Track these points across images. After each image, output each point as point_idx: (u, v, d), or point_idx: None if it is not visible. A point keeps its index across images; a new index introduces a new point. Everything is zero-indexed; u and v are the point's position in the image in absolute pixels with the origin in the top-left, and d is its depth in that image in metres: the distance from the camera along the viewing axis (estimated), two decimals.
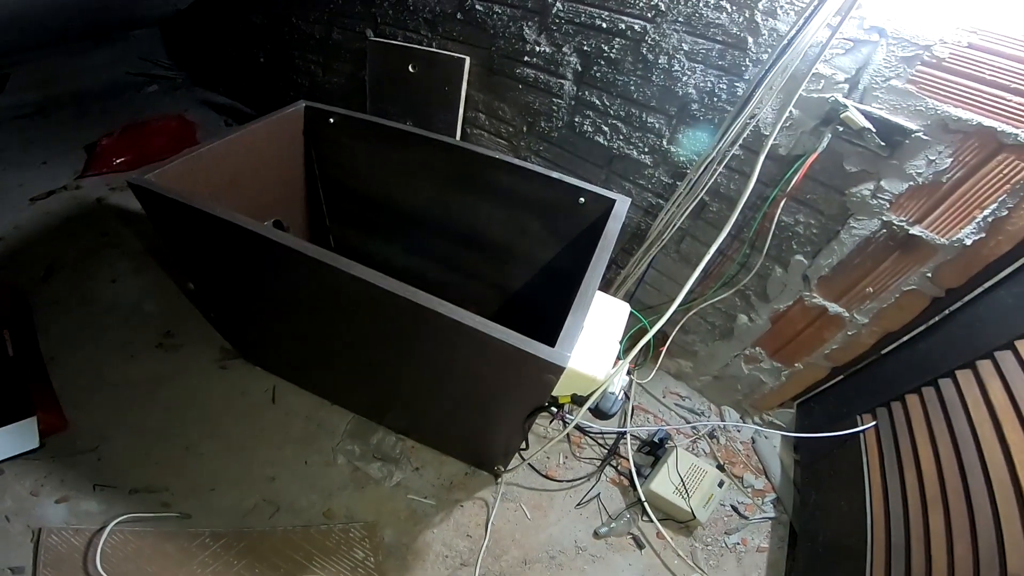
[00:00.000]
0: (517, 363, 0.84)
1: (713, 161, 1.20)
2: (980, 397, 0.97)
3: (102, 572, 1.12)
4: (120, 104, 2.71)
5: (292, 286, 1.06)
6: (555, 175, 1.19)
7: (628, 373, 0.93)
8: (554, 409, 0.93)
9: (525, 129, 1.62)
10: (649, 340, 0.96)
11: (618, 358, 0.96)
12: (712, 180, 1.23)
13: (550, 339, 0.82)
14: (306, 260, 0.90)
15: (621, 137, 1.41)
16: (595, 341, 0.94)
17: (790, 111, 1.09)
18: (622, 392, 0.90)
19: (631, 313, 1.04)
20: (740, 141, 1.17)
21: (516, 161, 1.23)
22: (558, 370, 0.81)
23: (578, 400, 0.91)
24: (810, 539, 1.27)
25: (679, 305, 1.03)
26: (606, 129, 1.43)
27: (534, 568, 1.27)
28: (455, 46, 1.64)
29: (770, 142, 1.07)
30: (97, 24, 2.54)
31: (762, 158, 1.05)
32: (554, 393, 0.91)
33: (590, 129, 1.46)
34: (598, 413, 0.89)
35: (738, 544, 1.35)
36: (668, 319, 1.06)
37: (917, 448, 1.06)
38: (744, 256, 1.32)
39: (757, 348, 1.46)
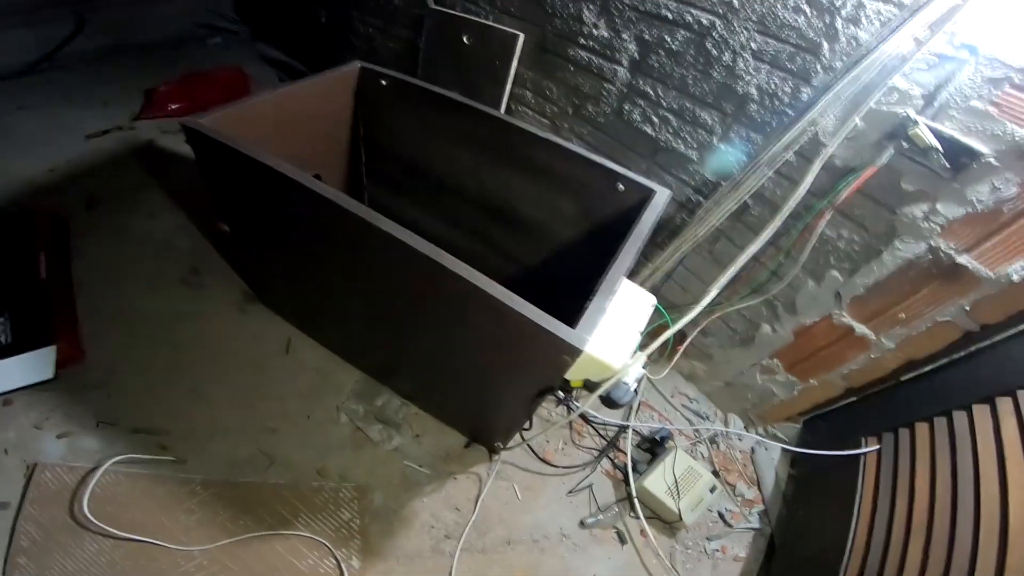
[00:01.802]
0: (534, 339, 0.75)
1: (763, 164, 1.08)
2: (991, 433, 0.89)
3: (87, 512, 1.06)
4: (183, 54, 2.66)
5: (323, 236, 0.99)
6: (596, 158, 1.08)
7: (644, 366, 0.83)
8: (562, 393, 0.84)
9: (571, 111, 1.50)
10: (669, 338, 0.86)
11: (637, 350, 0.86)
12: (759, 184, 1.11)
13: (569, 322, 0.73)
14: (340, 211, 0.83)
15: (670, 130, 1.29)
16: (616, 328, 0.83)
17: (854, 121, 0.97)
18: (636, 383, 0.80)
19: (655, 307, 0.93)
20: (796, 147, 1.05)
21: (558, 140, 1.12)
22: (575, 352, 0.72)
23: (590, 386, 0.81)
24: (787, 554, 1.18)
25: (705, 307, 0.93)
26: (655, 120, 1.31)
27: (516, 549, 1.20)
28: (511, 21, 1.53)
29: (828, 152, 0.95)
30: None
31: (817, 167, 0.93)
32: (567, 376, 0.81)
33: (638, 118, 1.34)
34: (608, 401, 0.79)
35: (717, 551, 1.26)
36: (691, 319, 0.96)
37: (915, 476, 0.98)
38: (778, 264, 1.19)
39: (775, 360, 1.35)
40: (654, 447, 1.37)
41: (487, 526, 1.22)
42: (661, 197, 1.00)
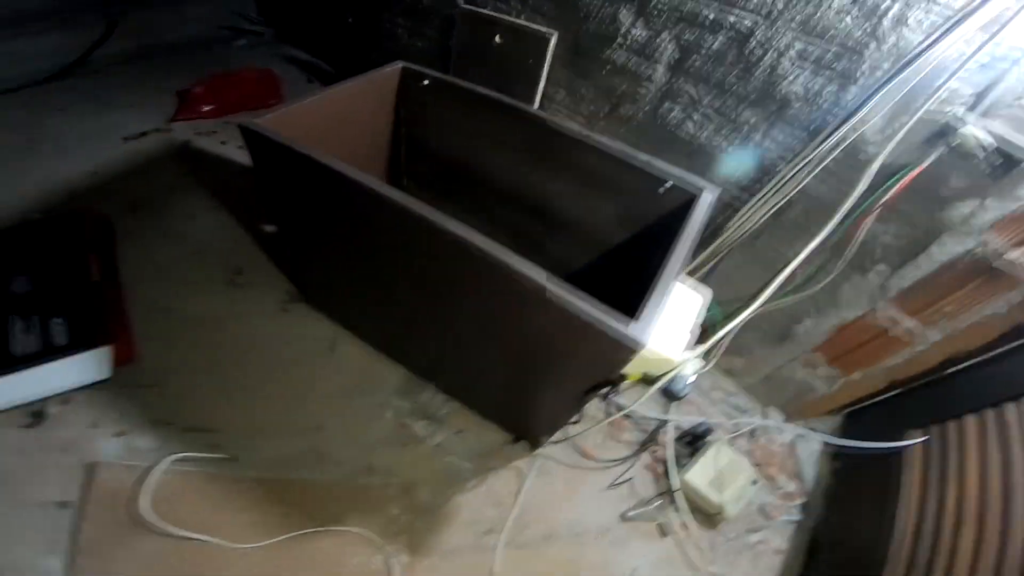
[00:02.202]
0: (596, 336, 0.78)
1: (809, 163, 1.11)
2: None
3: (146, 511, 1.10)
4: (211, 56, 2.72)
5: (379, 235, 1.03)
6: (641, 158, 1.11)
7: (700, 360, 0.87)
8: (610, 387, 0.88)
9: (606, 111, 1.53)
10: (716, 333, 0.90)
11: (692, 344, 0.90)
12: (804, 182, 1.14)
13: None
14: (403, 210, 0.87)
15: (710, 128, 1.32)
16: (672, 324, 0.87)
17: (902, 121, 1.00)
18: (694, 376, 0.84)
19: (707, 303, 0.97)
20: (843, 146, 1.08)
21: (598, 138, 1.15)
22: (638, 346, 0.76)
23: (648, 380, 0.85)
24: (831, 548, 1.20)
25: (748, 305, 0.96)
26: (695, 119, 1.33)
27: (556, 544, 1.22)
28: (544, 21, 1.56)
29: (882, 157, 0.98)
30: None
31: (875, 168, 0.96)
32: (624, 371, 0.85)
33: (678, 118, 1.36)
34: (668, 394, 0.83)
35: (759, 543, 1.28)
36: (731, 315, 0.99)
37: (965, 468, 1.00)
38: (824, 260, 1.21)
39: (816, 353, 1.36)
40: (695, 441, 1.40)
41: (528, 521, 1.24)
42: (710, 195, 1.03)
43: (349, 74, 1.28)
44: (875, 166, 0.98)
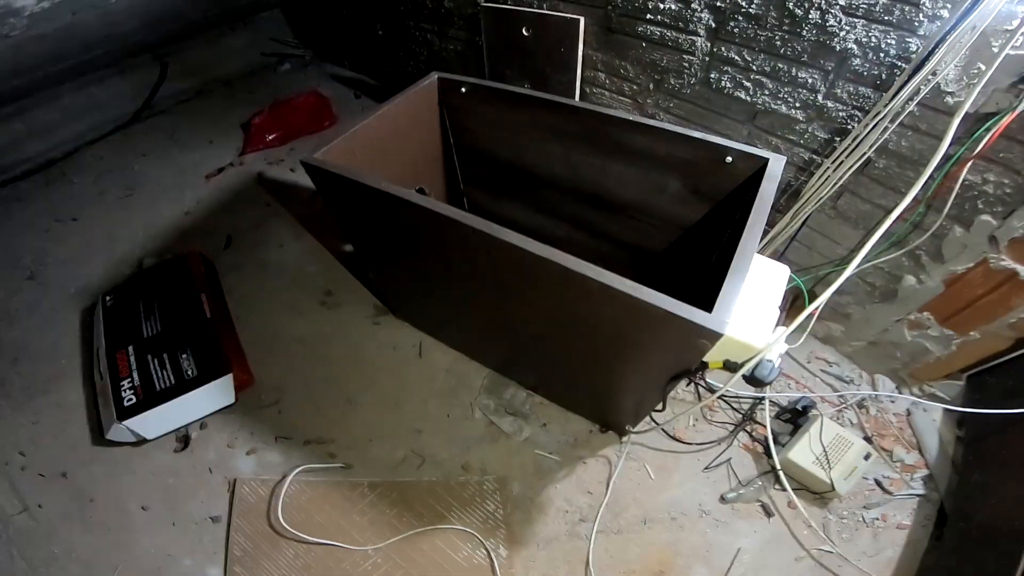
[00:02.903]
0: (668, 327, 0.79)
1: (884, 118, 1.03)
2: None
3: (282, 521, 1.25)
4: (261, 83, 2.90)
5: (440, 248, 1.09)
6: (696, 134, 1.08)
7: (786, 341, 0.85)
8: (691, 376, 0.89)
9: (652, 87, 1.49)
10: (806, 306, 0.88)
11: (777, 325, 0.88)
12: (883, 138, 1.07)
13: (697, 301, 0.76)
14: (454, 224, 0.92)
15: (767, 92, 1.25)
16: (753, 305, 0.86)
17: (979, 68, 0.91)
18: (780, 359, 0.83)
19: (790, 277, 0.94)
20: (918, 99, 1.00)
21: (649, 121, 1.13)
22: (715, 336, 0.76)
23: (731, 366, 0.85)
24: (963, 520, 1.12)
25: (840, 268, 0.91)
26: (748, 84, 1.27)
27: (653, 528, 1.25)
28: (567, 7, 1.54)
29: (966, 106, 0.88)
30: (228, 10, 2.76)
31: (958, 118, 0.87)
32: (705, 359, 0.86)
33: (729, 85, 1.31)
34: (753, 381, 0.82)
35: (877, 519, 1.23)
36: (821, 280, 0.94)
37: None
38: (919, 216, 1.13)
39: (924, 313, 1.27)
40: (795, 417, 1.35)
41: (621, 507, 1.28)
42: (777, 164, 0.99)
43: (393, 85, 1.35)
44: (958, 117, 0.89)
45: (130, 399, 1.38)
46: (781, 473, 1.27)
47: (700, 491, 1.30)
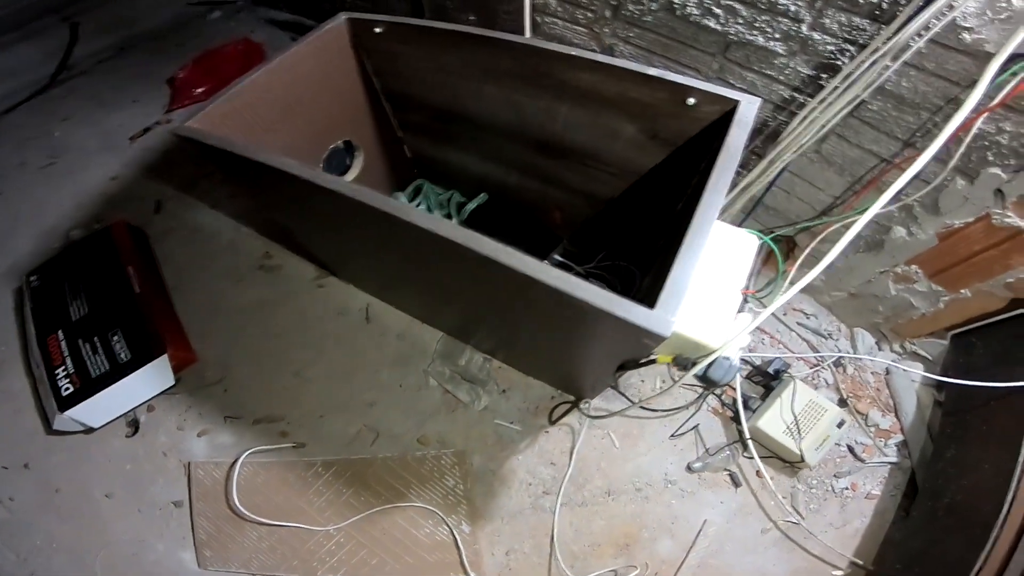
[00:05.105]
0: (607, 326, 0.65)
1: (885, 55, 0.83)
2: None
3: (240, 504, 1.21)
4: (190, 35, 2.61)
5: (350, 226, 0.94)
6: (651, 71, 0.88)
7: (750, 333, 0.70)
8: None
9: (608, 14, 1.23)
10: (778, 257, 0.72)
11: (740, 310, 0.73)
12: (883, 78, 0.87)
13: (655, 264, 0.61)
14: (348, 202, 0.75)
15: (740, 21, 1.02)
16: (710, 290, 0.71)
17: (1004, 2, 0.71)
18: (739, 356, 0.69)
19: (762, 243, 0.78)
20: (927, 35, 0.80)
21: (598, 57, 0.92)
22: (658, 338, 0.61)
23: (682, 363, 0.71)
24: (933, 496, 1.05)
25: (818, 220, 0.74)
26: (718, 12, 1.04)
27: (618, 499, 1.19)
28: None
29: (1009, 49, 0.69)
30: None
31: (996, 65, 0.68)
32: (653, 355, 0.72)
33: (696, 12, 1.07)
34: (706, 381, 0.69)
35: (846, 489, 1.16)
36: (806, 228, 0.77)
37: None
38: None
39: (912, 266, 1.13)
40: (768, 380, 1.25)
41: (585, 478, 1.21)
42: (748, 108, 0.79)
43: None
44: (998, 60, 0.70)
45: (67, 388, 1.28)
46: (750, 442, 1.19)
47: (666, 460, 1.23)
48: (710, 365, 0.67)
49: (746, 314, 0.70)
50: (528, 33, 1.40)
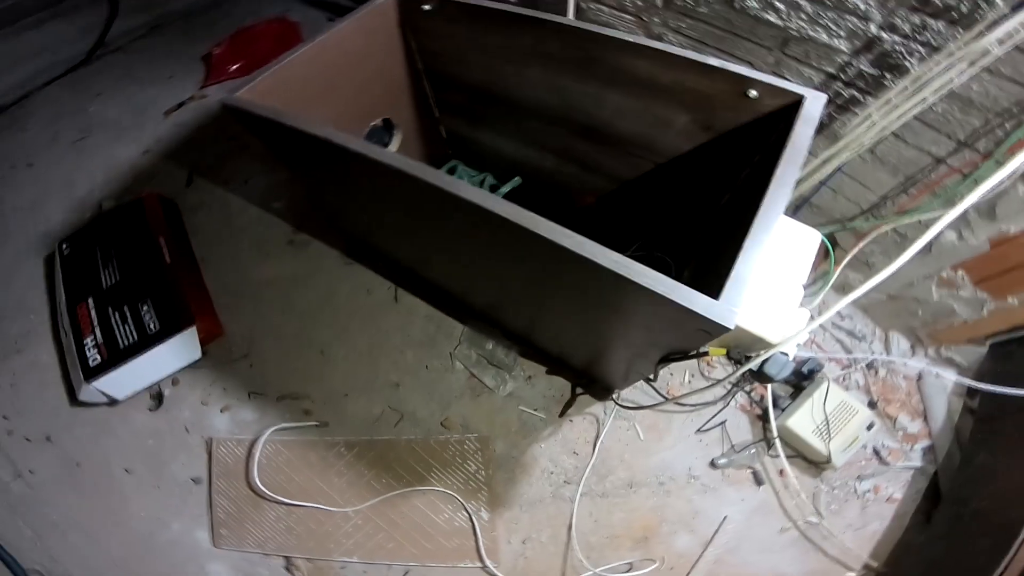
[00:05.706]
0: (664, 314, 0.63)
1: (961, 59, 0.80)
2: None
3: (260, 483, 1.20)
4: (223, 13, 2.59)
5: (399, 202, 0.91)
6: (712, 61, 0.85)
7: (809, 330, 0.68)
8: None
9: (660, 3, 1.20)
10: (830, 258, 0.70)
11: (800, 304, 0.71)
12: (956, 82, 0.84)
13: (698, 251, 0.59)
14: (409, 179, 0.73)
15: (803, 17, 0.99)
16: (772, 285, 0.69)
17: None
18: (796, 353, 0.67)
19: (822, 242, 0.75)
20: (1011, 41, 0.76)
21: (652, 43, 0.89)
22: (721, 330, 0.60)
23: (736, 357, 0.70)
24: (957, 502, 1.03)
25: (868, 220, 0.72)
26: (780, 6, 1.01)
27: (639, 492, 1.17)
28: None
29: None
30: None
31: None
32: (706, 347, 0.70)
33: (755, 5, 1.04)
34: (761, 376, 0.67)
35: (868, 491, 1.14)
36: (853, 228, 0.75)
37: None
38: (982, 172, 0.92)
39: (959, 272, 1.10)
40: (800, 379, 1.22)
41: (608, 469, 1.20)
42: (815, 104, 0.76)
43: None
44: None
45: (95, 358, 1.28)
46: (778, 441, 1.17)
47: (691, 454, 1.21)
48: (766, 360, 0.66)
49: (804, 310, 0.68)
50: (571, 17, 1.37)
